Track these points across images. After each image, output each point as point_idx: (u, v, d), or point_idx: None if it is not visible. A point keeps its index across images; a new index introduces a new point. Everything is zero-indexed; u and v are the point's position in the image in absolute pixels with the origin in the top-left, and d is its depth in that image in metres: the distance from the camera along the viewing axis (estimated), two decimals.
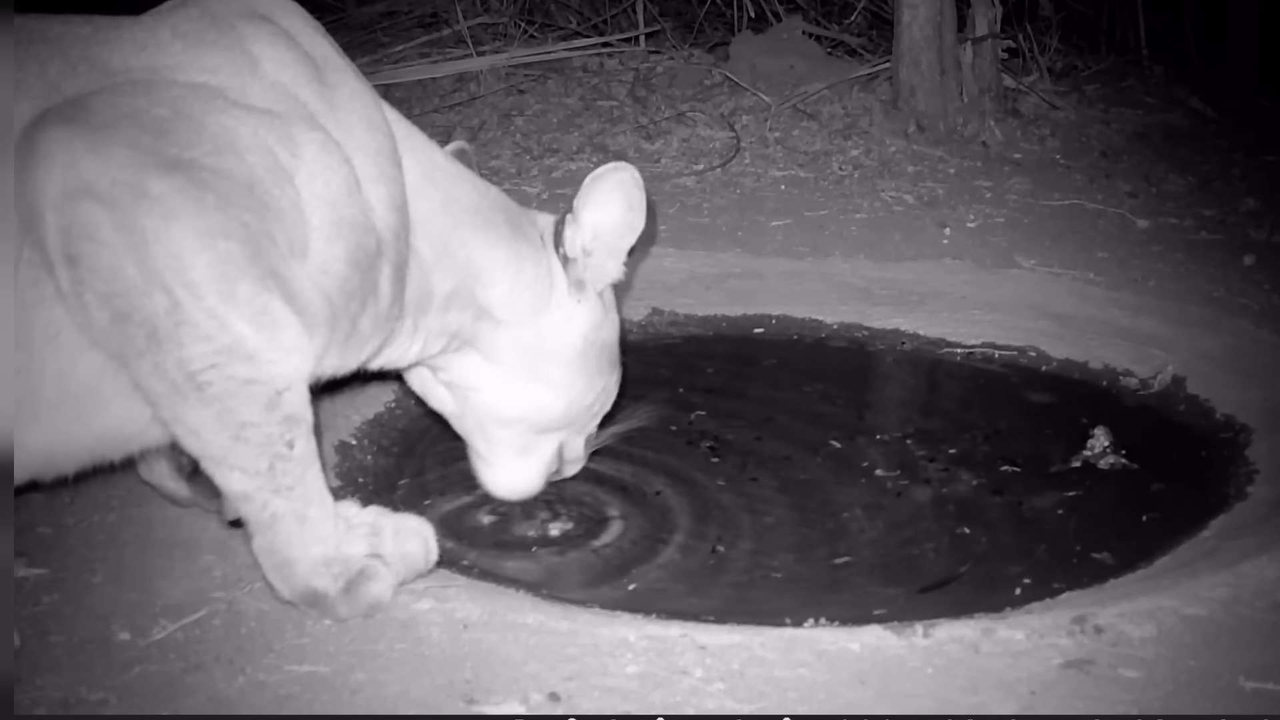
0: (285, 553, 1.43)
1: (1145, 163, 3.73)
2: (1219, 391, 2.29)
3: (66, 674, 1.36)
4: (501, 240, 1.64)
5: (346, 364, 1.53)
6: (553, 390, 1.72)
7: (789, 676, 1.38)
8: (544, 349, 1.69)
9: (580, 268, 1.70)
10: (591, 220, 1.67)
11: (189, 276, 1.26)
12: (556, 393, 1.72)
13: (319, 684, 1.35)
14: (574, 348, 1.71)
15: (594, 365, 1.75)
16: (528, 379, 1.70)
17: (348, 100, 1.48)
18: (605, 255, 1.70)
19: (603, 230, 1.68)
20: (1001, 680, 1.38)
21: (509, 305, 1.66)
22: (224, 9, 1.46)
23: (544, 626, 1.47)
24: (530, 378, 1.70)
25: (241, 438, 1.34)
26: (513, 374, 1.70)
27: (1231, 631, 1.48)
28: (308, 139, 1.39)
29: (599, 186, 1.65)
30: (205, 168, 1.30)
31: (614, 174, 1.64)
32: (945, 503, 1.96)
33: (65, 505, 1.68)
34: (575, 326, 1.71)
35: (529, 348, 1.69)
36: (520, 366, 1.69)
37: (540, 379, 1.71)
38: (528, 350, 1.69)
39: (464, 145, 1.82)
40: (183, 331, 1.27)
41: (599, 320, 1.74)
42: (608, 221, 1.68)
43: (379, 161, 1.47)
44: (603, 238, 1.69)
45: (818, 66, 4.24)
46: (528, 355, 1.69)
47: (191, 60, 1.39)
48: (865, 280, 2.80)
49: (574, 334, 1.71)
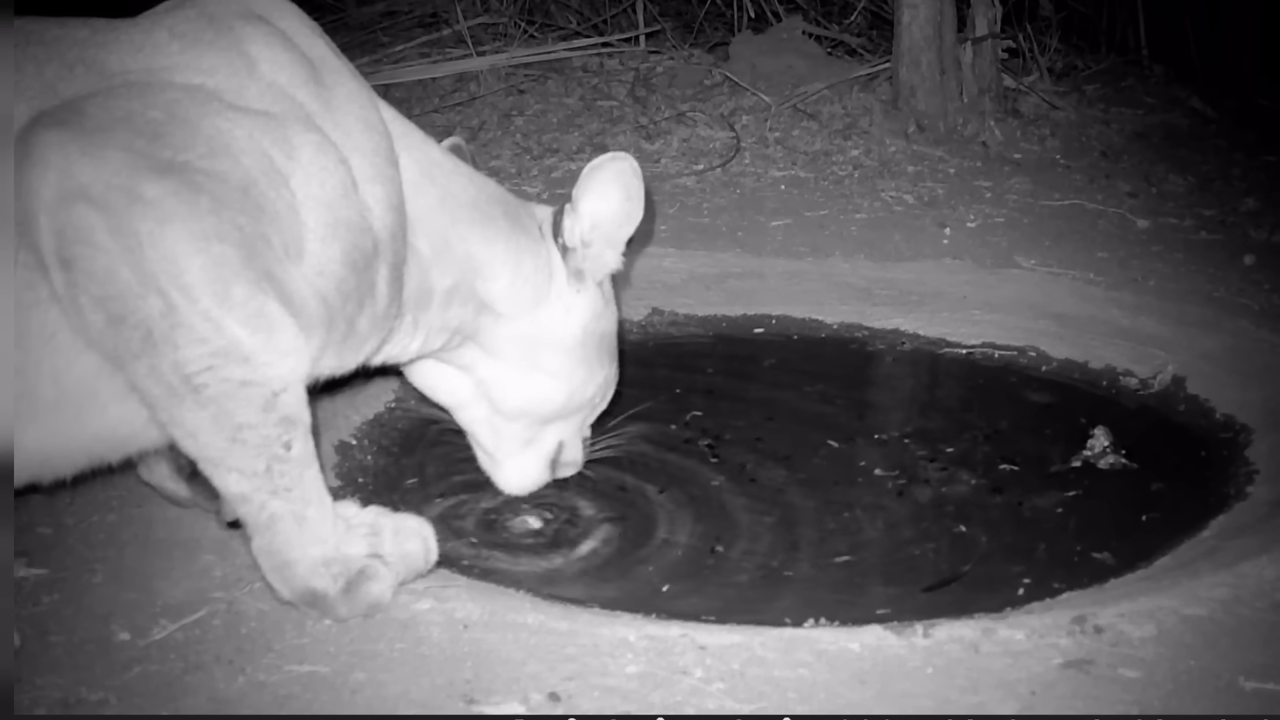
0: (284, 554, 1.43)
1: (1145, 163, 3.73)
2: (1219, 391, 2.29)
3: (66, 674, 1.36)
4: (500, 234, 1.65)
5: (345, 364, 1.53)
6: (554, 380, 1.73)
7: (789, 676, 1.38)
8: (544, 340, 1.70)
9: (579, 258, 1.71)
10: (590, 210, 1.68)
11: (184, 280, 1.26)
12: (558, 383, 1.73)
13: (319, 684, 1.35)
14: (574, 338, 1.72)
15: (594, 355, 1.76)
16: (529, 370, 1.71)
17: (344, 101, 1.48)
18: (604, 245, 1.71)
19: (601, 220, 1.69)
20: (1002, 680, 1.38)
21: (509, 299, 1.66)
22: (221, 10, 1.46)
23: (544, 626, 1.47)
24: (531, 369, 1.71)
25: (238, 439, 1.34)
26: (514, 366, 1.71)
27: (1232, 632, 1.48)
28: (304, 140, 1.39)
29: (598, 176, 1.66)
30: (200, 171, 1.30)
31: (612, 164, 1.66)
32: (945, 503, 1.96)
33: (65, 505, 1.68)
34: (575, 317, 1.72)
35: (530, 339, 1.69)
36: (521, 358, 1.70)
37: (541, 369, 1.71)
38: (528, 342, 1.69)
39: (459, 141, 1.82)
40: (178, 334, 1.28)
41: (598, 310, 1.75)
42: (606, 211, 1.69)
43: (375, 161, 1.47)
44: (601, 227, 1.70)
45: (818, 66, 4.24)
46: (528, 347, 1.70)
47: (189, 61, 1.39)
48: (865, 280, 2.80)
49: (574, 324, 1.72)
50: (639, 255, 2.83)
